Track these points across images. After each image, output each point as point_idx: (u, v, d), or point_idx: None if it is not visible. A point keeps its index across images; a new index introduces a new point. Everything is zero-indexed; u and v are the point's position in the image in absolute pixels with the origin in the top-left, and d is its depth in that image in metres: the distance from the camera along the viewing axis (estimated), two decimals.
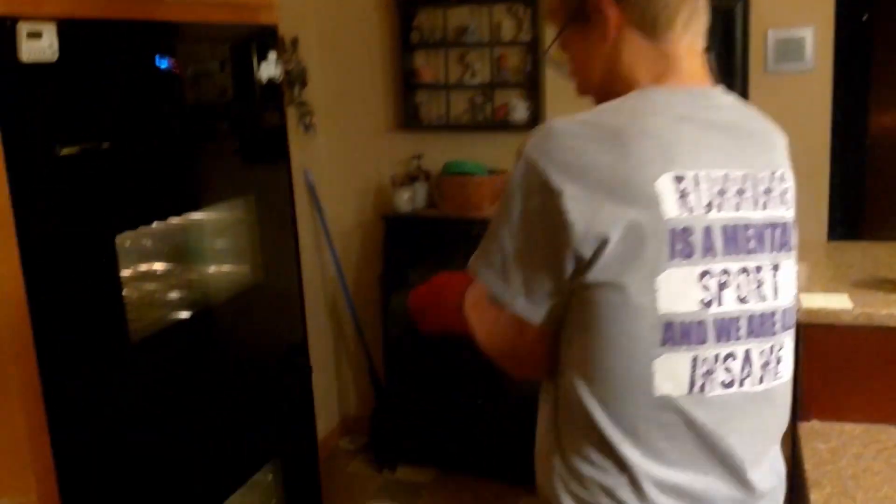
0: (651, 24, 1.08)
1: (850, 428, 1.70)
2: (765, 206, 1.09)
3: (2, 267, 1.32)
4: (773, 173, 1.11)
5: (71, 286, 1.39)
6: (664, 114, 1.05)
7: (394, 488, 3.40)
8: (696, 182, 1.03)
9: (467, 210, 3.22)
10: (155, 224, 1.81)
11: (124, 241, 1.73)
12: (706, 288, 1.04)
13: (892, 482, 1.48)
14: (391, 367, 3.51)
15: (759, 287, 1.08)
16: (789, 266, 1.12)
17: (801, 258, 1.19)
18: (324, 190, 3.57)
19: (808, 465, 1.55)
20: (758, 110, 1.16)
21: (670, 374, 1.03)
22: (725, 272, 1.05)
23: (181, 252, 1.99)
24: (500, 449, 3.22)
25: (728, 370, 1.06)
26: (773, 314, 1.10)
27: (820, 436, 1.67)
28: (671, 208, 1.01)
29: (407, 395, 3.47)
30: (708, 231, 1.03)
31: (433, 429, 3.45)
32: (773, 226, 1.10)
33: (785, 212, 1.12)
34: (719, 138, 1.07)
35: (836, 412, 1.73)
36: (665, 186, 1.01)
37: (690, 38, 1.10)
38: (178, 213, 1.74)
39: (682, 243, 1.02)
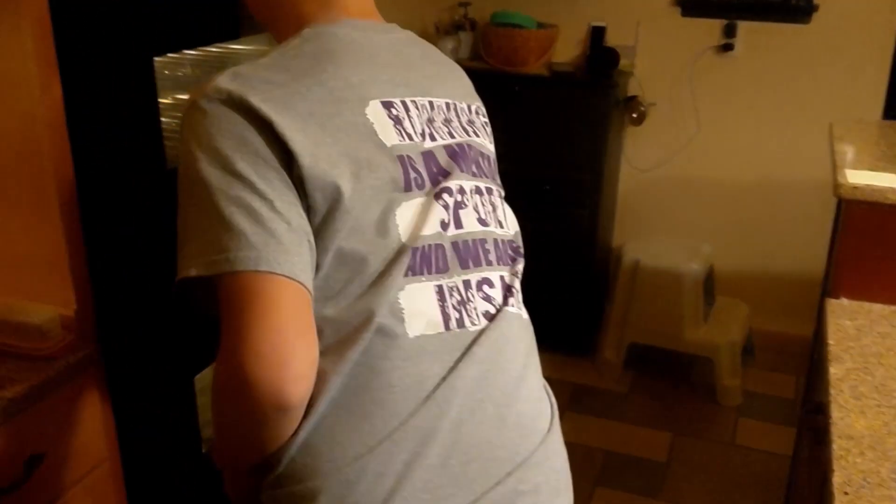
0: None
1: (879, 308, 1.69)
2: (476, 135, 1.04)
3: (45, 88, 1.32)
4: (470, 106, 1.07)
5: (110, 106, 1.39)
6: (351, 48, 0.96)
7: None
8: (406, 108, 0.95)
9: (513, 64, 3.12)
10: (193, 51, 1.79)
11: (162, 68, 1.71)
12: (445, 207, 0.94)
13: None
14: None
15: (494, 210, 1.00)
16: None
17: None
18: None
19: (832, 341, 1.55)
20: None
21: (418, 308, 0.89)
22: (462, 190, 0.96)
23: None
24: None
25: (488, 298, 0.94)
26: (511, 242, 1.02)
27: (847, 313, 1.67)
28: (390, 135, 0.91)
29: None
30: (430, 154, 0.95)
31: None
32: (483, 155, 1.04)
33: (489, 144, 1.07)
34: (417, 69, 1.02)
35: (867, 292, 1.71)
36: (376, 114, 0.91)
37: None
38: (217, 41, 1.71)
39: (413, 172, 0.92)
